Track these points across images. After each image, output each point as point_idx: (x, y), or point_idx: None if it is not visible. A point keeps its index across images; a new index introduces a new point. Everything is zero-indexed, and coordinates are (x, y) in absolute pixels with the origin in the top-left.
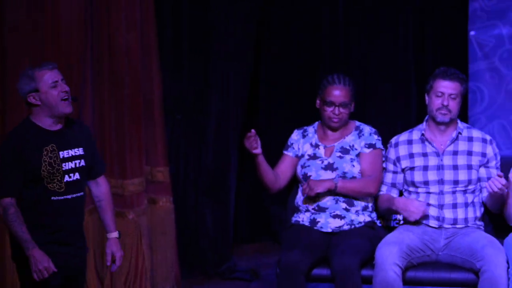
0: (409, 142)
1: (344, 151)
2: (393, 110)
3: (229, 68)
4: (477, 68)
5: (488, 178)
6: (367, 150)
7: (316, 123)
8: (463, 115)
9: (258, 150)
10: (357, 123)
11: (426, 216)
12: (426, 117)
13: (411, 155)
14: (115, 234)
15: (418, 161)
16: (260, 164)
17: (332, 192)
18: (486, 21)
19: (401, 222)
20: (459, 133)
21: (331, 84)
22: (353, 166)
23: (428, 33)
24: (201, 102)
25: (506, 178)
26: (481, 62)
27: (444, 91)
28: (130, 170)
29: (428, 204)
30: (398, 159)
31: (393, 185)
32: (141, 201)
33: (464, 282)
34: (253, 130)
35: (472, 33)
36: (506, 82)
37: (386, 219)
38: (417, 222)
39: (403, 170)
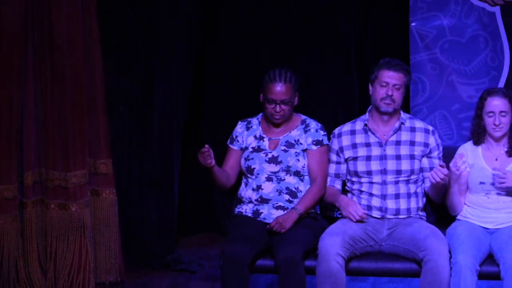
0: (352, 132)
1: (289, 145)
2: (335, 101)
3: (173, 61)
4: (418, 59)
5: (431, 169)
6: (314, 147)
7: (260, 114)
8: (405, 105)
9: (212, 163)
10: (303, 117)
11: (369, 207)
12: (369, 108)
13: (354, 145)
14: None
15: (361, 151)
16: (214, 174)
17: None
18: (427, 12)
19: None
20: (402, 123)
21: (272, 81)
22: (298, 160)
23: (370, 25)
24: (145, 95)
25: (448, 168)
26: (422, 53)
27: (389, 81)
28: (73, 162)
29: (371, 194)
30: (341, 149)
31: (337, 175)
32: (84, 193)
33: (407, 272)
34: (207, 146)
35: (413, 24)
36: (447, 73)
37: (329, 209)
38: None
39: (346, 160)
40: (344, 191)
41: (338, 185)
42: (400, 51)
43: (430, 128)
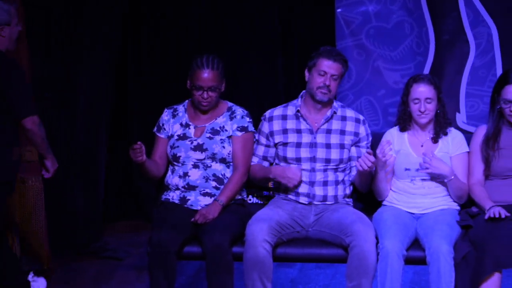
0: (284, 117)
1: (215, 132)
2: (260, 87)
3: (99, 48)
4: (344, 45)
5: (358, 157)
6: (239, 133)
7: (186, 101)
8: None
9: (143, 159)
10: (229, 104)
11: (297, 193)
12: (302, 93)
13: (285, 131)
14: None
15: (292, 137)
16: (145, 168)
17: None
18: None
19: (275, 195)
20: (334, 112)
21: (199, 68)
22: (223, 147)
23: (295, 11)
24: (71, 83)
25: (375, 155)
26: (348, 39)
27: (327, 71)
28: None
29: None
30: (271, 133)
31: (265, 158)
32: None
33: (333, 257)
34: (139, 143)
35: (338, 10)
36: (373, 59)
37: (259, 196)
38: (288, 199)
39: (275, 145)
40: None
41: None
42: (326, 37)
43: (361, 117)
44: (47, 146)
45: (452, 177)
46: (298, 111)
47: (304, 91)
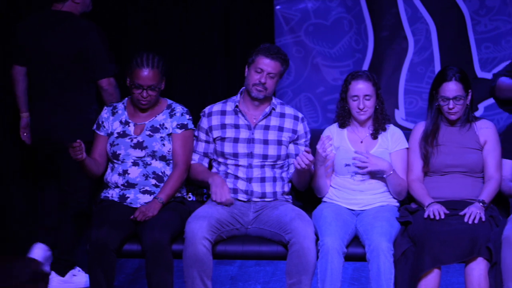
0: (223, 112)
1: (154, 129)
2: (201, 86)
3: None
4: (283, 42)
5: (297, 155)
6: (179, 131)
7: (126, 99)
8: None
9: (83, 157)
10: (169, 101)
11: (235, 190)
12: (242, 89)
13: (223, 126)
14: None
15: (230, 133)
16: (85, 166)
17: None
18: None
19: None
20: (273, 108)
21: (139, 66)
22: (163, 145)
23: (235, 7)
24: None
25: (314, 153)
26: (287, 36)
27: (264, 69)
28: None
29: (237, 177)
30: (210, 128)
31: (205, 154)
32: None
33: (273, 254)
34: (78, 141)
35: (277, 7)
36: (312, 56)
37: (199, 194)
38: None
39: (214, 140)
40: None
41: (205, 164)
42: (265, 34)
43: (300, 115)
44: None
45: (391, 171)
46: (237, 106)
47: (243, 87)
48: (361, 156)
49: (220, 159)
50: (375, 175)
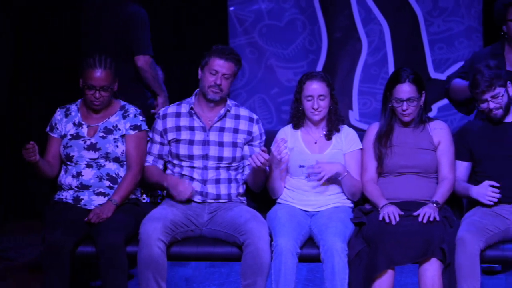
0: (178, 114)
1: (108, 131)
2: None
3: None
4: (237, 43)
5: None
6: (132, 132)
7: (79, 100)
8: None
9: (37, 158)
10: (122, 102)
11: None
12: (196, 91)
13: (178, 128)
14: None
15: (185, 135)
16: (38, 168)
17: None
18: None
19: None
20: (228, 110)
21: (92, 67)
22: (117, 146)
23: (188, 9)
24: None
25: (269, 153)
26: (241, 37)
27: (219, 70)
28: None
29: (192, 179)
30: (165, 131)
31: (160, 156)
32: None
33: (228, 256)
34: (32, 142)
35: (231, 8)
36: (266, 57)
37: (153, 195)
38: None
39: (169, 142)
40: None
41: (160, 165)
42: (219, 35)
43: (255, 117)
44: (159, 84)
45: (346, 173)
46: (191, 108)
47: (198, 89)
48: (313, 167)
49: (175, 161)
50: (330, 178)
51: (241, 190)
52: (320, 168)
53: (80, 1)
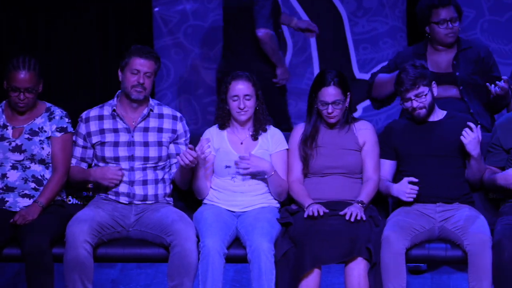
0: (100, 117)
1: (33, 133)
2: (78, 87)
3: None
4: (162, 44)
5: (178, 155)
6: (58, 134)
7: (4, 102)
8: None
9: None
10: (48, 104)
11: (117, 193)
12: (118, 92)
13: (102, 131)
14: None
15: (109, 137)
16: None
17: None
18: None
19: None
20: (151, 110)
21: (15, 69)
22: (42, 148)
23: (112, 9)
24: None
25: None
26: (166, 38)
27: (140, 69)
28: None
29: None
30: (88, 134)
31: (82, 159)
32: None
33: (155, 257)
34: None
35: (156, 9)
36: (191, 58)
37: (78, 197)
38: (109, 199)
39: (93, 146)
40: None
41: (84, 167)
42: (144, 36)
43: (178, 114)
44: (279, 57)
45: (273, 172)
46: (114, 110)
47: (120, 90)
48: (243, 158)
49: (101, 164)
50: (256, 176)
51: (168, 191)
52: (250, 160)
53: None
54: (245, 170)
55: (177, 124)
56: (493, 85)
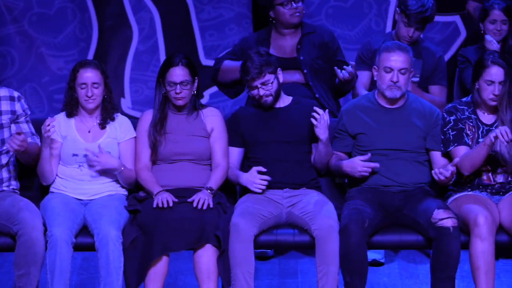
0: None
1: None
2: None
3: None
4: (6, 32)
5: (19, 134)
6: None
7: None
8: None
9: None
10: None
11: None
12: None
13: None
14: None
15: None
16: None
17: None
18: None
19: None
20: None
21: None
22: None
23: None
24: None
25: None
26: (10, 26)
27: None
28: None
29: None
30: None
31: None
32: None
33: (1, 246)
34: None
35: None
36: (36, 46)
37: None
38: None
39: None
40: None
41: None
42: None
43: (16, 94)
44: None
45: (122, 168)
46: None
47: None
48: (91, 155)
49: None
50: (105, 172)
51: (13, 174)
52: (98, 158)
53: None
54: (93, 168)
55: (15, 104)
56: (340, 70)
